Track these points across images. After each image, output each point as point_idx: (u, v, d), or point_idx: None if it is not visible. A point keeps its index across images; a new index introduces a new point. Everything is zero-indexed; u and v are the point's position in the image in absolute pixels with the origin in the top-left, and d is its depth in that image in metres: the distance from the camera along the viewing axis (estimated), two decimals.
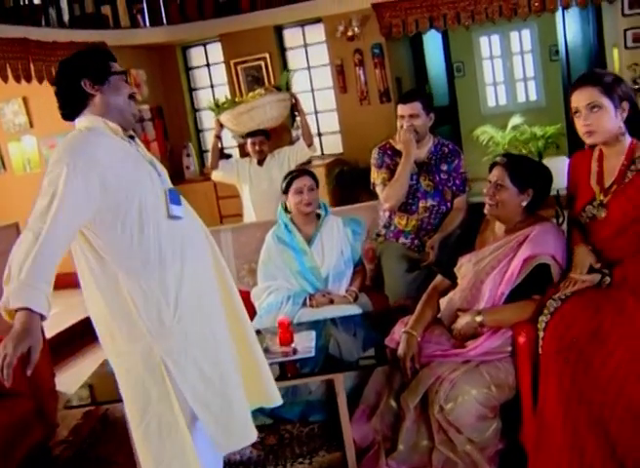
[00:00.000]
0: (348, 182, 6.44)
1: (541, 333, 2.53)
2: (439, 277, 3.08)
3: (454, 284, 2.97)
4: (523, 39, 10.46)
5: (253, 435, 2.34)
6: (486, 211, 2.86)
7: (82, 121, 2.19)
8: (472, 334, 2.76)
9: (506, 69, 10.65)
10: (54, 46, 6.00)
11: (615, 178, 2.56)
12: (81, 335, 5.25)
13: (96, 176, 2.02)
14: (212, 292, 2.32)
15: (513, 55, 10.60)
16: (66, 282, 6.29)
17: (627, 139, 2.57)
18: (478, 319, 2.72)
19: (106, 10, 6.99)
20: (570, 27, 7.83)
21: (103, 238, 2.10)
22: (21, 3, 6.28)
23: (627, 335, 2.41)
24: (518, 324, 2.67)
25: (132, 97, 2.27)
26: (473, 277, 2.84)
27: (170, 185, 2.29)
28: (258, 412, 3.37)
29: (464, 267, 2.89)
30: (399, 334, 2.90)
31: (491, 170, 2.86)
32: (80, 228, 2.06)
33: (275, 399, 2.51)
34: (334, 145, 7.39)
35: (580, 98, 2.53)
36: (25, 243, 1.92)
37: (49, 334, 4.79)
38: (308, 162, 6.20)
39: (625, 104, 2.51)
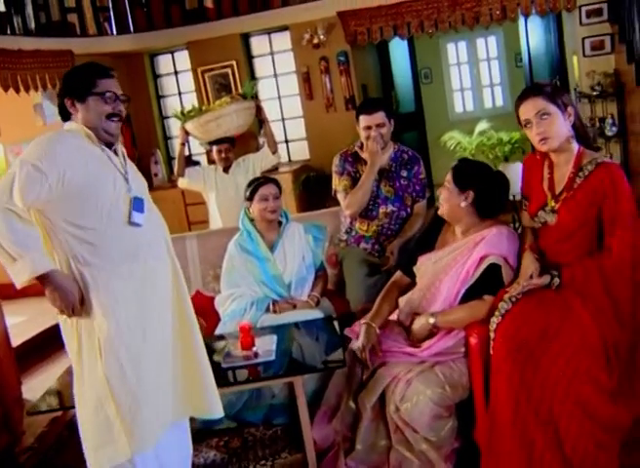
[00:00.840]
0: (315, 188, 6.51)
1: (492, 334, 2.61)
2: (398, 273, 3.16)
3: (412, 282, 3.05)
4: (489, 46, 10.64)
5: (152, 442, 2.41)
6: (439, 211, 2.96)
7: (66, 125, 2.49)
8: (427, 336, 2.84)
9: (473, 76, 10.81)
10: (20, 54, 6.00)
11: (564, 186, 2.66)
12: (47, 344, 5.27)
13: (54, 171, 2.26)
14: (158, 299, 2.47)
15: (480, 61, 10.77)
16: (32, 291, 6.30)
17: (575, 147, 2.67)
18: (431, 321, 2.81)
19: (73, 18, 6.97)
20: (533, 35, 7.99)
21: (61, 229, 2.34)
22: None
23: (574, 335, 2.50)
24: (470, 325, 2.75)
25: (111, 115, 2.45)
26: (432, 276, 2.92)
27: (137, 194, 2.47)
28: (222, 417, 3.46)
29: (424, 266, 2.98)
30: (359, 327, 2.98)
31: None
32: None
33: (216, 410, 2.60)
34: (300, 152, 7.46)
35: (528, 109, 2.63)
36: (3, 223, 2.23)
37: (15, 343, 4.78)
38: (275, 168, 6.26)
39: (570, 109, 2.61)
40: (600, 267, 2.56)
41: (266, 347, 3.11)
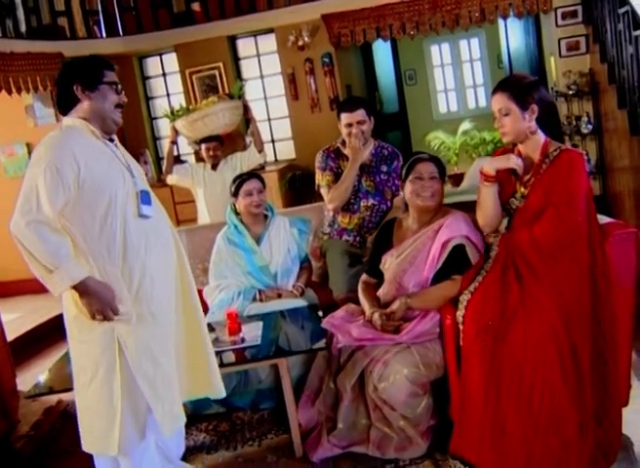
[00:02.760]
0: (300, 186, 6.67)
1: (461, 319, 2.79)
2: (364, 275, 3.35)
3: (379, 281, 3.23)
4: (472, 48, 10.85)
5: (184, 417, 2.61)
6: (420, 202, 3.10)
7: (67, 120, 2.50)
8: (403, 318, 3.01)
9: (457, 77, 11.01)
10: (11, 56, 6.11)
11: (532, 172, 2.83)
12: (40, 339, 5.41)
13: (71, 172, 2.32)
14: (170, 285, 2.60)
15: (463, 63, 10.97)
16: (26, 288, 6.45)
17: (542, 138, 2.83)
18: (407, 301, 2.99)
19: (63, 21, 7.10)
20: (513, 37, 8.20)
21: (77, 227, 2.40)
22: None
23: (533, 312, 2.63)
24: (445, 308, 2.92)
25: (118, 106, 2.54)
26: (397, 269, 3.10)
27: (143, 187, 2.57)
28: (211, 402, 3.62)
29: (388, 262, 3.16)
30: (336, 320, 3.15)
31: (413, 166, 3.14)
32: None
33: (219, 391, 2.76)
34: (286, 151, 7.62)
35: (494, 103, 2.83)
36: (31, 236, 2.29)
37: (10, 338, 4.93)
38: (262, 167, 6.40)
39: (535, 107, 2.77)
40: (530, 237, 2.73)
41: (252, 333, 3.27)
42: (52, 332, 5.35)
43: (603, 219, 2.96)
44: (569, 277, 2.68)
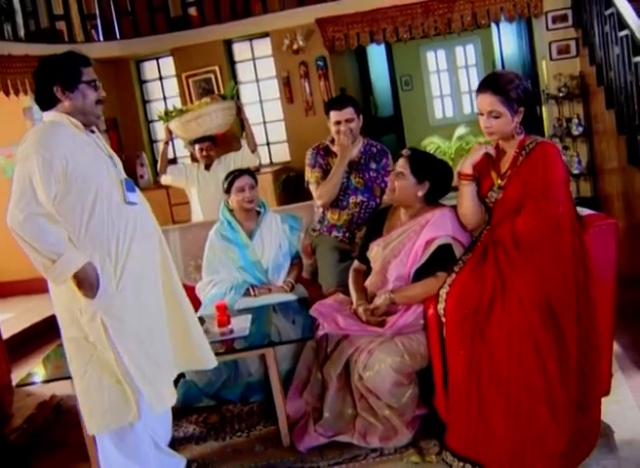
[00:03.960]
0: (293, 187, 6.73)
1: (442, 311, 2.84)
2: (356, 262, 3.40)
3: (368, 268, 3.28)
4: (467, 54, 10.96)
5: (174, 397, 2.71)
6: (385, 196, 3.19)
7: (49, 115, 2.58)
8: (387, 312, 3.06)
9: (452, 82, 11.11)
10: (10, 59, 6.19)
11: (509, 165, 2.90)
12: (34, 337, 5.47)
13: (60, 164, 2.40)
14: (153, 268, 2.69)
15: (459, 68, 11.07)
16: (21, 289, 6.50)
17: (521, 135, 2.90)
18: (390, 296, 3.04)
19: (61, 25, 7.19)
20: (506, 42, 8.30)
21: (65, 218, 2.47)
22: None
23: (511, 301, 2.67)
24: (428, 299, 2.96)
25: (98, 102, 2.63)
26: (383, 260, 3.15)
27: (125, 176, 2.68)
28: (202, 395, 3.67)
29: (374, 251, 3.21)
30: (324, 307, 3.22)
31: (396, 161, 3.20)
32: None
33: (208, 362, 2.84)
34: (281, 154, 7.69)
35: (483, 103, 2.84)
36: (31, 229, 2.38)
37: (6, 336, 4.99)
38: (257, 170, 6.47)
39: (521, 109, 2.82)
40: (512, 229, 2.78)
41: (241, 325, 3.33)
42: (46, 331, 5.40)
43: (583, 211, 3.02)
44: (552, 267, 2.72)
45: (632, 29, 4.14)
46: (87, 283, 2.45)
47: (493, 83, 2.85)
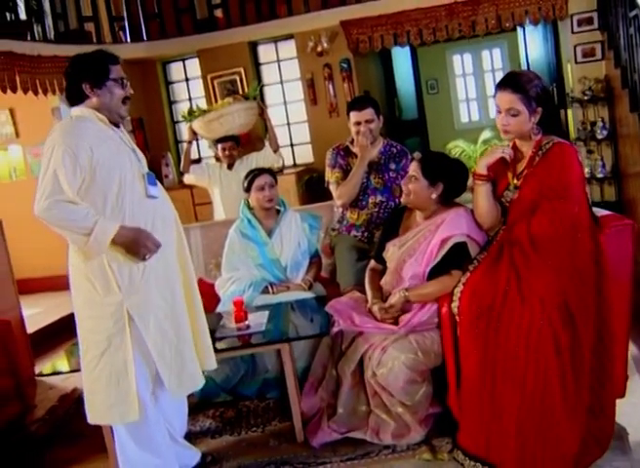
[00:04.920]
0: (316, 188, 6.75)
1: (456, 310, 2.84)
2: (372, 262, 3.43)
3: (385, 267, 3.30)
4: (494, 57, 10.92)
5: (200, 381, 2.78)
6: (402, 199, 3.21)
7: (76, 110, 2.68)
8: (402, 309, 3.08)
9: (478, 86, 11.07)
10: (39, 59, 6.31)
11: (525, 164, 2.90)
12: (59, 332, 5.56)
13: (85, 156, 2.49)
14: (173, 261, 2.77)
15: (485, 72, 11.04)
16: (49, 285, 6.62)
17: (538, 135, 2.90)
18: (405, 295, 3.06)
19: (90, 26, 7.30)
20: (532, 46, 8.26)
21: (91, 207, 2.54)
22: (8, 19, 6.58)
23: (528, 300, 2.67)
24: (442, 297, 2.97)
25: (125, 100, 2.71)
26: (398, 259, 3.17)
27: (147, 170, 2.75)
28: (219, 391, 3.72)
29: (391, 251, 3.23)
30: (340, 304, 3.26)
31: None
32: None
33: (210, 363, 2.88)
34: (305, 155, 7.75)
35: (502, 101, 2.83)
36: (57, 212, 2.46)
37: (31, 330, 5.10)
38: (280, 170, 6.52)
39: (539, 109, 2.82)
40: (528, 230, 2.77)
41: (258, 320, 3.37)
42: (71, 326, 5.48)
43: (600, 212, 3.01)
44: (569, 268, 2.71)
45: None
46: (132, 243, 2.54)
47: (512, 81, 2.85)
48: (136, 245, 2.55)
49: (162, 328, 2.64)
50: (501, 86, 2.87)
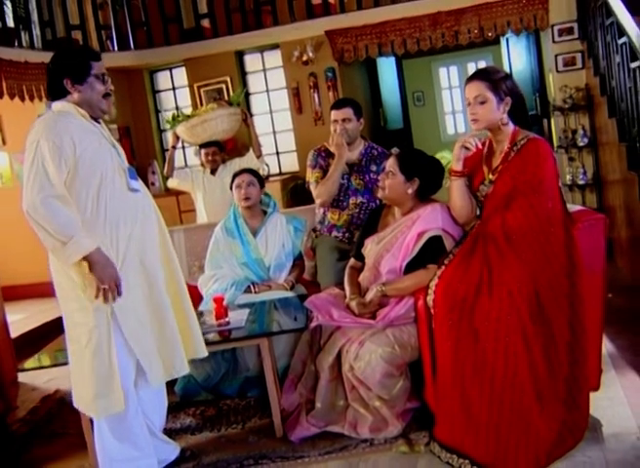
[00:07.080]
0: (301, 195, 6.80)
1: (431, 303, 2.88)
2: (352, 259, 3.48)
3: (363, 264, 3.34)
4: None
5: (185, 369, 2.80)
6: (378, 194, 3.27)
7: (57, 105, 2.70)
8: (380, 304, 3.12)
9: (465, 99, 11.15)
10: (26, 66, 6.33)
11: (500, 160, 2.96)
12: (43, 337, 5.54)
13: (69, 149, 2.52)
14: (154, 255, 2.79)
15: None
16: (34, 292, 6.61)
17: (511, 127, 2.96)
18: (382, 289, 3.10)
19: (77, 34, 7.32)
20: (515, 56, 8.37)
21: (80, 203, 2.57)
22: None
23: (499, 293, 2.71)
24: (418, 290, 3.00)
25: (106, 95, 2.74)
26: (376, 255, 3.22)
27: (128, 165, 2.79)
28: (200, 389, 3.74)
29: (369, 247, 3.28)
30: (319, 300, 3.29)
31: None
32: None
33: (200, 351, 2.90)
34: (290, 163, 7.79)
35: (470, 91, 2.93)
36: (44, 211, 2.46)
37: (14, 335, 5.09)
38: (266, 178, 6.56)
39: (508, 99, 2.90)
40: (502, 224, 2.84)
41: (238, 317, 3.40)
42: (55, 331, 5.49)
43: (573, 208, 3.07)
44: (542, 262, 2.76)
45: (630, 35, 4.19)
46: (98, 267, 2.52)
47: (479, 72, 2.99)
48: (102, 270, 2.53)
49: (139, 317, 2.66)
50: (470, 79, 2.97)
